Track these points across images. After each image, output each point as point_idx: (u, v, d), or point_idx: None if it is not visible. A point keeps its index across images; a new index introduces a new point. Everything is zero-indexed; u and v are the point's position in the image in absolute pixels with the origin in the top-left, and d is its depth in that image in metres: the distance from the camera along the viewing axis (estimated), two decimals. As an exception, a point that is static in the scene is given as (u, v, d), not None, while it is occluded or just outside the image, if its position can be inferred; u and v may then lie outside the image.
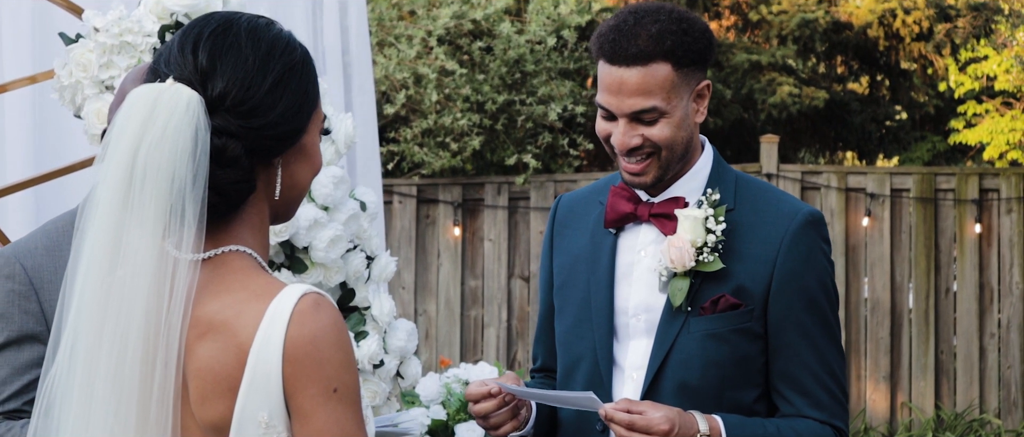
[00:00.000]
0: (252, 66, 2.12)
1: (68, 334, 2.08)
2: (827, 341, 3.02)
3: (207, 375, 2.08)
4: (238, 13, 2.20)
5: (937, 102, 13.91)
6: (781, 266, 2.97)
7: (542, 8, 11.54)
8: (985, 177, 10.67)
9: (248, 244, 2.16)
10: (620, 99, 2.96)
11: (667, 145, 2.98)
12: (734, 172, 3.12)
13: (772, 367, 3.02)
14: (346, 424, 2.08)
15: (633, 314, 3.06)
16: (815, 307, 3.00)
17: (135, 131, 2.05)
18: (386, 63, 11.17)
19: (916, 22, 13.04)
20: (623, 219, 3.08)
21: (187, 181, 2.04)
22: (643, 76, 2.94)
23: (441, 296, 11.15)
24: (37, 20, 4.97)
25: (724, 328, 2.98)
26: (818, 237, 3.03)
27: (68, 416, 2.08)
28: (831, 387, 3.02)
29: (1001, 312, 10.56)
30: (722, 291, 2.98)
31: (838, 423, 3.03)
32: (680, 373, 2.99)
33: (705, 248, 2.97)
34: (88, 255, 2.07)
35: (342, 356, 2.09)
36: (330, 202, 4.14)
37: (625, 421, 2.86)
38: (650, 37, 2.94)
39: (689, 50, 2.96)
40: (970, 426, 10.44)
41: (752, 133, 12.97)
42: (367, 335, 4.17)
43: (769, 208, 3.04)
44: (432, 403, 4.73)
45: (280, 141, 2.15)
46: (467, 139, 11.27)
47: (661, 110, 2.95)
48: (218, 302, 2.09)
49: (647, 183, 3.02)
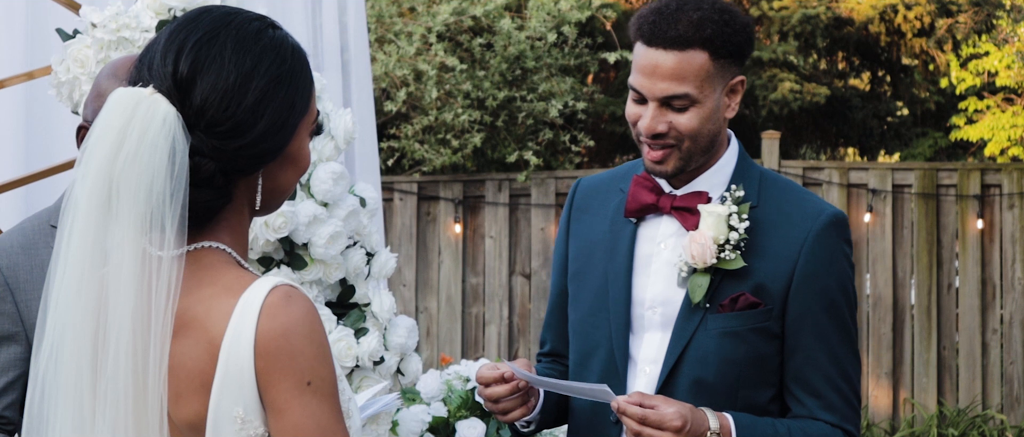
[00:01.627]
0: (233, 83, 2.07)
1: (49, 337, 2.05)
2: (843, 344, 2.99)
3: (180, 372, 2.05)
4: (231, 14, 2.14)
5: (938, 98, 13.88)
6: (802, 266, 2.95)
7: (542, 4, 11.52)
8: (987, 173, 10.65)
9: (225, 241, 2.13)
10: (653, 81, 2.93)
11: (692, 135, 2.95)
12: (759, 168, 3.08)
13: (786, 367, 2.99)
14: (322, 417, 2.05)
15: (649, 306, 3.03)
16: (833, 309, 2.97)
17: (113, 140, 2.02)
18: (386, 60, 11.15)
19: (917, 18, 13.02)
20: (644, 209, 3.05)
21: (165, 197, 2.01)
22: (679, 61, 2.91)
23: (442, 293, 11.13)
24: (31, 16, 4.95)
25: (742, 327, 2.95)
26: (841, 239, 3.00)
27: (57, 419, 2.06)
28: (844, 390, 2.99)
29: (1003, 308, 10.54)
30: (742, 289, 2.95)
31: (849, 427, 3.00)
32: (696, 370, 2.96)
33: (727, 245, 2.94)
34: (66, 257, 2.05)
35: (315, 348, 2.05)
36: (330, 198, 4.12)
37: (638, 415, 2.83)
38: (691, 23, 2.91)
39: (728, 41, 2.94)
40: (973, 422, 10.42)
41: (753, 129, 12.95)
42: (367, 332, 4.15)
43: (793, 207, 3.00)
44: (433, 400, 4.71)
45: (259, 159, 2.11)
46: (468, 136, 11.25)
47: (693, 98, 2.93)
48: (190, 298, 2.06)
49: (667, 172, 2.99)
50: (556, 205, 11.05)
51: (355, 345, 4.07)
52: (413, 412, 4.54)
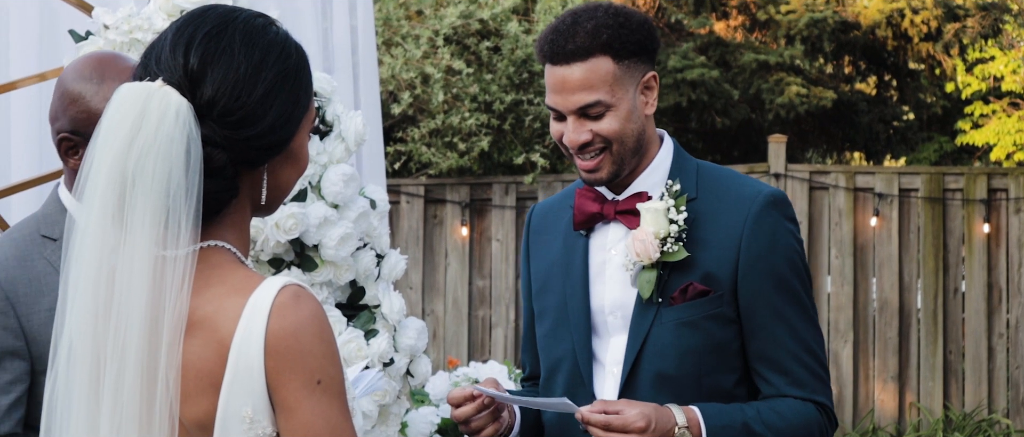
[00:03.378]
0: (244, 74, 2.09)
1: (65, 340, 2.06)
2: (801, 319, 3.03)
3: (189, 372, 2.06)
4: (236, 11, 2.16)
5: (945, 103, 13.89)
6: (746, 249, 2.99)
7: (550, 7, 11.52)
8: (993, 177, 10.65)
9: (228, 240, 2.14)
10: (565, 96, 3.00)
11: (617, 138, 3.00)
12: (695, 162, 3.14)
13: (749, 349, 3.04)
14: (332, 416, 2.06)
15: (610, 312, 3.08)
16: (785, 286, 3.01)
17: (126, 134, 2.03)
18: (393, 63, 11.16)
19: (924, 22, 13.02)
20: (591, 219, 3.11)
21: (182, 189, 2.02)
22: (584, 71, 2.98)
23: (449, 296, 11.14)
24: (45, 18, 4.96)
25: (696, 315, 3.00)
26: (781, 217, 3.04)
27: (70, 421, 2.06)
28: (810, 364, 3.03)
29: (1010, 312, 10.54)
30: (689, 279, 3.00)
31: (820, 398, 3.04)
32: (656, 364, 3.01)
33: (668, 239, 2.99)
34: (81, 253, 2.05)
35: (325, 348, 2.07)
36: (340, 200, 4.13)
37: (601, 422, 2.88)
38: (587, 33, 2.99)
39: (627, 42, 3.00)
40: (979, 426, 10.41)
41: (760, 133, 12.96)
42: (377, 333, 4.16)
43: (730, 193, 3.06)
44: (441, 402, 4.72)
45: (268, 150, 2.13)
46: (475, 139, 11.26)
47: (606, 103, 2.99)
48: (199, 298, 2.07)
49: (603, 178, 3.05)
50: (563, 208, 11.04)
51: (365, 347, 4.08)
52: (422, 414, 4.55)
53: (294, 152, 2.19)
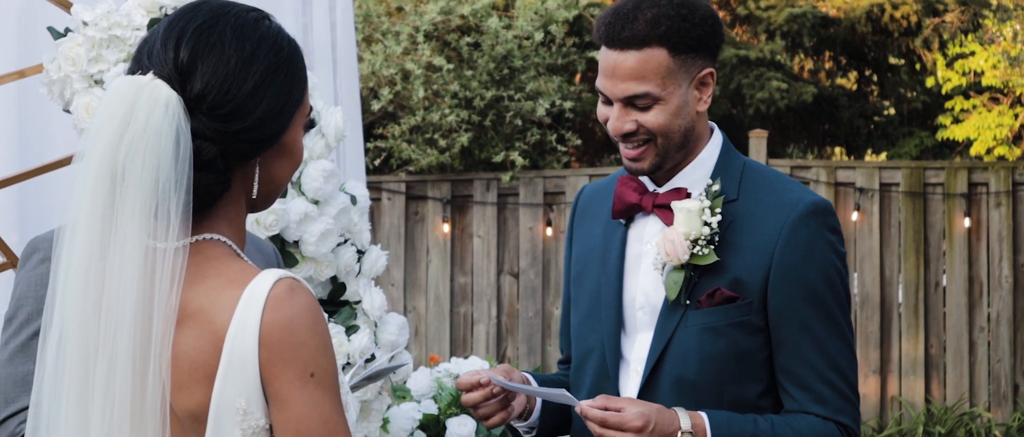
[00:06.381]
0: (234, 67, 2.10)
1: (54, 331, 2.07)
2: (831, 335, 2.94)
3: (184, 363, 2.07)
4: (229, 6, 2.17)
5: (925, 98, 13.91)
6: (780, 258, 2.90)
7: (530, 3, 11.52)
8: (974, 171, 10.69)
9: (223, 233, 2.16)
10: (614, 83, 2.92)
11: (662, 132, 2.93)
12: (743, 160, 3.05)
13: (775, 362, 2.95)
14: (325, 408, 2.07)
15: (639, 307, 3.01)
16: (816, 300, 2.92)
17: (116, 127, 2.04)
18: (373, 59, 11.15)
19: (904, 17, 13.05)
20: (629, 209, 3.04)
21: (171, 181, 2.03)
22: (637, 61, 2.90)
23: (430, 293, 11.14)
24: (24, 15, 4.94)
25: (721, 322, 2.92)
26: (822, 227, 2.94)
27: (61, 411, 2.06)
28: (835, 382, 2.94)
29: (990, 306, 10.57)
30: (718, 284, 2.92)
31: (843, 419, 2.94)
32: (677, 368, 2.94)
33: (700, 241, 2.91)
34: (72, 246, 2.06)
35: (319, 340, 2.08)
36: (321, 196, 4.12)
37: (598, 418, 2.82)
38: (646, 21, 2.89)
39: (687, 36, 2.91)
40: (960, 420, 10.45)
41: (741, 128, 12.96)
42: (358, 329, 4.15)
43: (771, 198, 2.96)
44: (423, 397, 4.71)
45: (258, 143, 2.14)
46: (455, 136, 11.24)
47: (655, 96, 2.91)
48: (193, 290, 2.08)
49: (644, 169, 2.97)
50: (544, 204, 11.06)
51: (346, 342, 4.07)
52: (403, 410, 4.54)
53: (287, 146, 2.19)
